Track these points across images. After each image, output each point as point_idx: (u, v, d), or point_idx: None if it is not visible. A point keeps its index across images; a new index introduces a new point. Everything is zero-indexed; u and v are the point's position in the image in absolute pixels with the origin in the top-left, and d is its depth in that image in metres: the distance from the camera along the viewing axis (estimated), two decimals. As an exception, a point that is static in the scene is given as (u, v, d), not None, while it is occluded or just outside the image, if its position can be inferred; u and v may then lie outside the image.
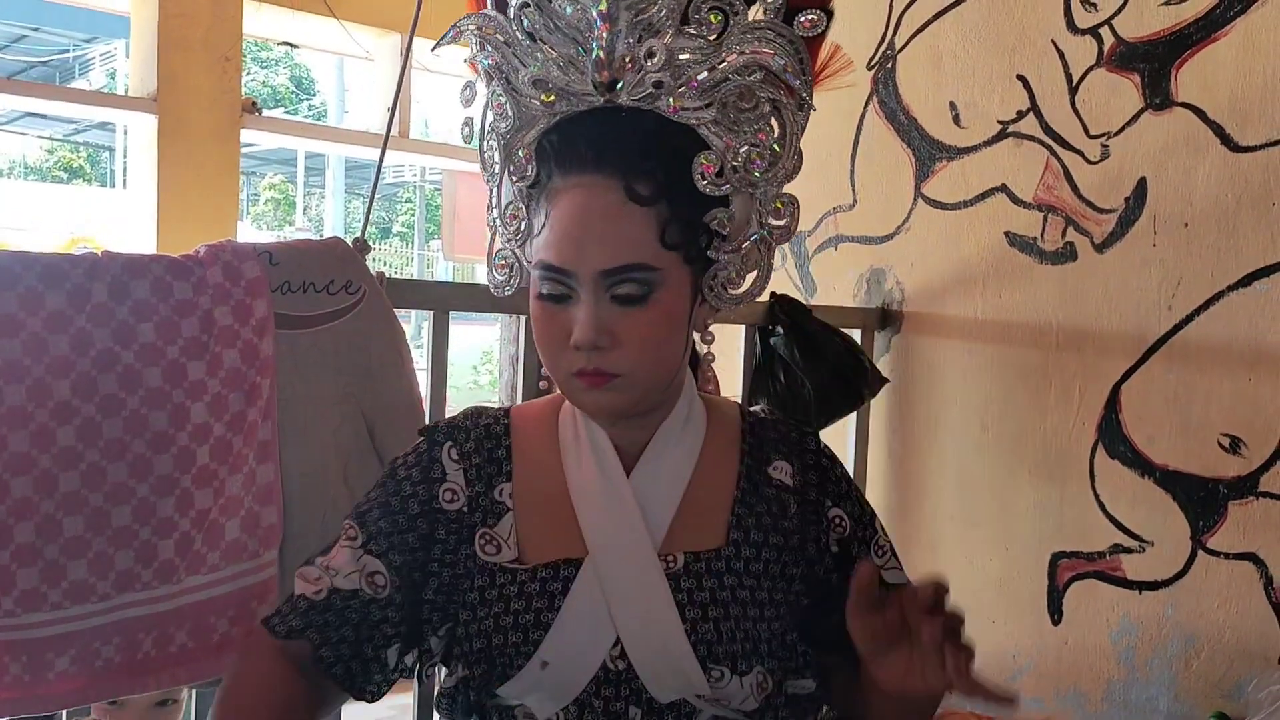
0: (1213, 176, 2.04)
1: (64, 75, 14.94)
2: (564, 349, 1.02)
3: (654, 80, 1.01)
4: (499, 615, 1.05)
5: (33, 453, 1.42)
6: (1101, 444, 2.21)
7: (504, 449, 1.12)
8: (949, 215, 2.50)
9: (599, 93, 1.03)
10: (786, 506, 1.13)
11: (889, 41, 2.61)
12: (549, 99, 1.04)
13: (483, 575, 1.07)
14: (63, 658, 1.44)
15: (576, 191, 1.01)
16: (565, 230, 1.01)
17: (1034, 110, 2.33)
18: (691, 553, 1.07)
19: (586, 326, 1.00)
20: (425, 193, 17.50)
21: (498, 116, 1.07)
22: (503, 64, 1.06)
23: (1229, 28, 2.01)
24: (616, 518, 1.07)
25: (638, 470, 1.09)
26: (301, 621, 1.05)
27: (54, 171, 17.69)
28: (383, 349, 1.70)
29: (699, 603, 1.05)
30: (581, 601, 1.04)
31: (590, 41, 1.02)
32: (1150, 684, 2.12)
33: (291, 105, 18.70)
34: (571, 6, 1.02)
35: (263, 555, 1.59)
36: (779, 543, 1.11)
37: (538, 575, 1.05)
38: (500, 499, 1.10)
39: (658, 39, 1.01)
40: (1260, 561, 1.98)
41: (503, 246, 1.12)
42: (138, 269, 1.51)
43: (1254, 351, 1.99)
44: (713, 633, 1.04)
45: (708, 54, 1.03)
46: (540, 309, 1.04)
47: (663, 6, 1.01)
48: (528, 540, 1.08)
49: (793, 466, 1.15)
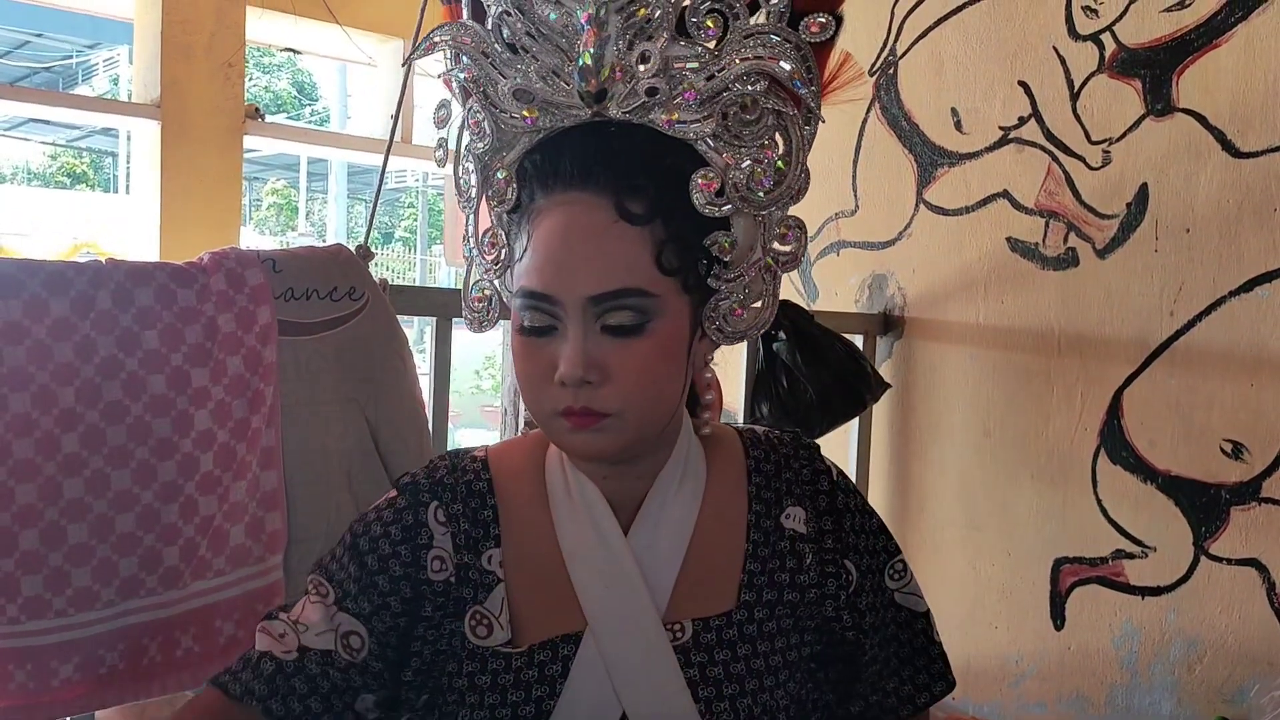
0: (1214, 182, 2.04)
1: (67, 81, 14.97)
2: (547, 385, 0.90)
3: (647, 88, 0.91)
4: (494, 707, 0.93)
5: (37, 459, 1.42)
6: (1104, 449, 2.21)
7: (490, 509, 0.99)
8: (951, 221, 2.51)
9: (586, 104, 0.92)
10: (802, 558, 1.01)
11: (890, 47, 2.62)
12: (531, 113, 0.94)
13: (473, 661, 0.95)
14: (67, 665, 1.44)
15: (560, 210, 0.90)
16: (549, 252, 0.90)
17: (1035, 116, 2.33)
18: (700, 620, 0.96)
19: (573, 360, 0.88)
20: (428, 198, 17.51)
21: (475, 136, 0.97)
22: (480, 77, 0.95)
23: (1230, 34, 2.01)
24: (616, 585, 0.96)
25: (636, 528, 0.98)
26: (264, 688, 0.92)
27: (57, 177, 17.71)
28: (386, 355, 1.71)
29: (712, 679, 0.95)
30: (583, 682, 0.94)
31: (576, 49, 0.91)
32: (1153, 689, 2.12)
33: (294, 111, 18.74)
34: (556, 12, 0.92)
35: (268, 560, 1.59)
36: (794, 599, 1.00)
37: (535, 659, 0.94)
38: (489, 568, 0.97)
39: (651, 44, 0.91)
40: (1262, 567, 1.98)
41: (480, 278, 1.01)
42: (141, 276, 1.52)
43: (1256, 357, 1.99)
44: (729, 711, 0.94)
45: (706, 61, 0.92)
46: (521, 343, 0.92)
47: (655, 9, 0.90)
48: (521, 615, 0.96)
49: (806, 512, 1.03)
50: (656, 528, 0.98)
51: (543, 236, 0.90)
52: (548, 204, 0.91)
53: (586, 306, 0.88)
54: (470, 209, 1.00)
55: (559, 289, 0.89)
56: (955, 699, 2.44)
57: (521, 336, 0.92)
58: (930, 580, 2.48)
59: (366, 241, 1.77)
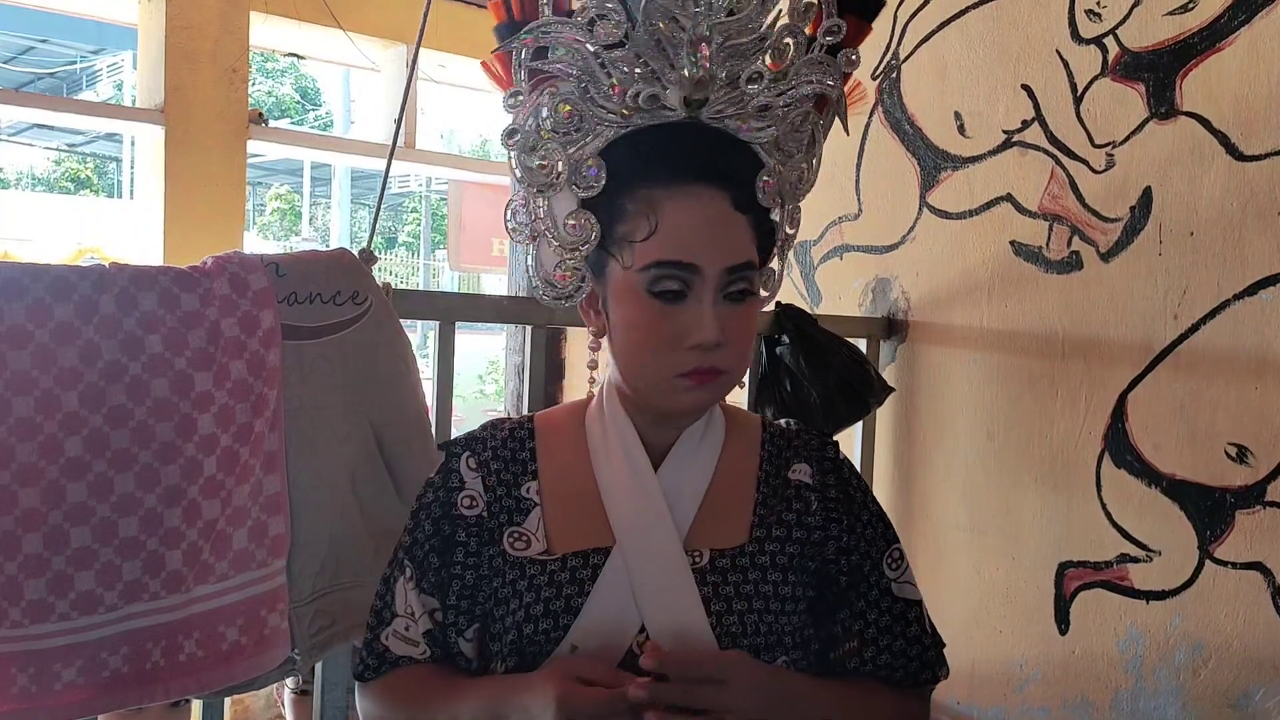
0: (1218, 185, 2.04)
1: (71, 87, 15.01)
2: (675, 349, 1.06)
3: (759, 105, 1.09)
4: (530, 605, 1.08)
5: (41, 463, 1.42)
6: (1108, 453, 2.21)
7: (528, 451, 1.18)
8: (954, 224, 2.51)
9: (686, 108, 1.07)
10: (808, 504, 1.18)
11: (893, 51, 2.62)
12: (628, 111, 1.07)
13: (513, 570, 1.11)
14: (70, 669, 1.45)
15: (689, 198, 1.05)
16: (689, 230, 1.05)
17: (1039, 120, 2.33)
18: (716, 550, 1.11)
19: (712, 325, 1.04)
20: (431, 203, 17.54)
21: (561, 124, 1.07)
22: (582, 73, 1.07)
23: (1233, 37, 2.01)
24: (644, 510, 1.11)
25: (665, 466, 1.14)
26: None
27: (61, 182, 17.76)
28: (389, 359, 1.71)
29: (724, 596, 1.09)
30: (609, 588, 1.08)
31: (682, 59, 1.05)
32: (1158, 694, 2.12)
33: (297, 116, 18.77)
34: (664, 22, 1.04)
35: (271, 564, 1.59)
36: (801, 538, 1.15)
37: (568, 564, 1.10)
38: (527, 496, 1.15)
39: (746, 63, 1.08)
40: (1268, 571, 1.97)
41: (564, 257, 1.11)
42: (145, 281, 1.52)
43: (1260, 360, 1.99)
44: (737, 625, 1.08)
45: (776, 79, 1.10)
46: (653, 309, 1.06)
47: (749, 33, 1.07)
48: (555, 532, 1.12)
49: (812, 468, 1.20)
50: (682, 468, 1.14)
51: (677, 218, 1.05)
52: (669, 192, 1.05)
53: (721, 276, 1.05)
54: (549, 193, 1.11)
55: (702, 259, 1.05)
56: (959, 703, 2.43)
57: (653, 301, 1.06)
58: (934, 584, 2.47)
59: (370, 246, 1.77)
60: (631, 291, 1.07)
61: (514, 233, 1.15)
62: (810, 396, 2.30)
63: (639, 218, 1.06)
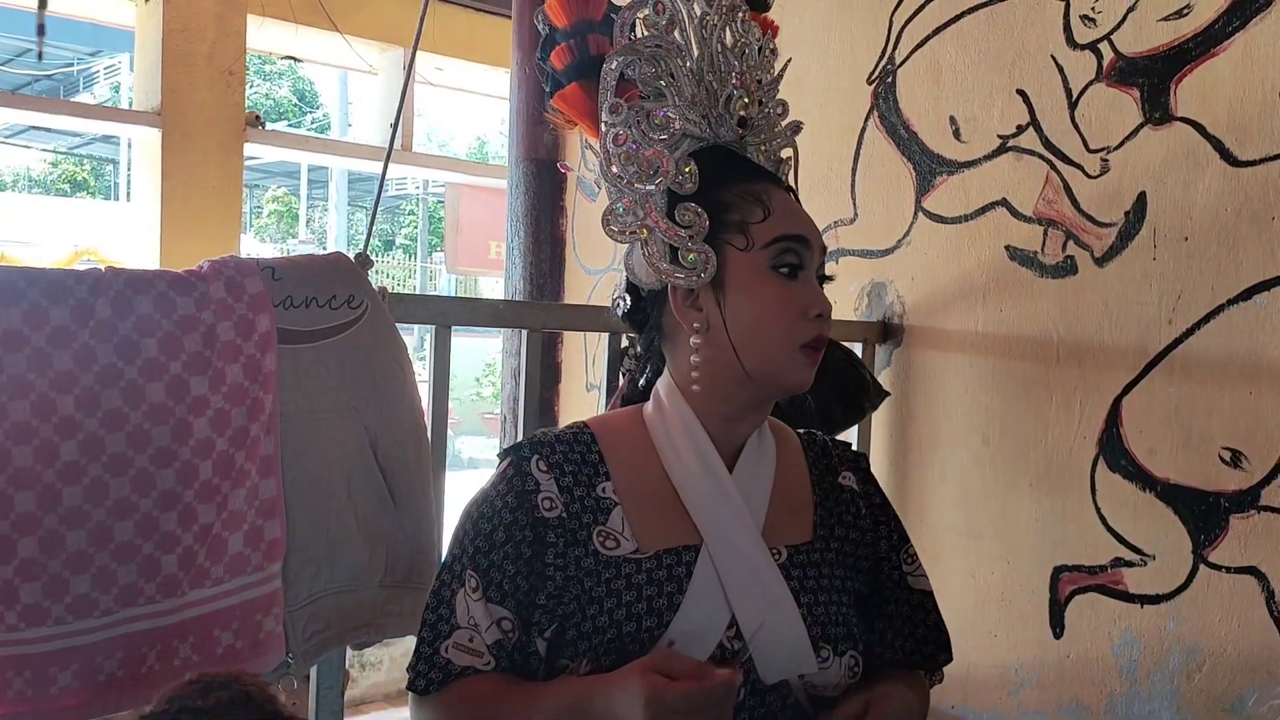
0: (1212, 191, 2.05)
1: (68, 89, 14.99)
2: (799, 321, 1.16)
3: (791, 126, 1.30)
4: (630, 603, 1.11)
5: (36, 467, 1.42)
6: (1103, 457, 2.21)
7: (595, 453, 1.21)
8: (949, 229, 2.51)
9: (739, 127, 1.24)
10: (858, 509, 1.29)
11: (889, 56, 2.62)
12: (705, 125, 1.22)
13: (608, 570, 1.13)
14: (66, 672, 1.45)
15: (777, 189, 1.21)
16: (794, 211, 1.20)
17: (1034, 125, 2.34)
18: (791, 545, 1.19)
19: (823, 296, 1.19)
20: (428, 205, 17.53)
21: (658, 128, 1.19)
22: (673, 87, 1.20)
23: (1228, 43, 2.02)
24: (725, 509, 1.16)
25: (739, 467, 1.20)
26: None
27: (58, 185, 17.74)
28: (385, 363, 1.71)
29: (809, 589, 1.16)
30: (702, 585, 1.12)
31: (730, 93, 1.22)
32: (1152, 698, 2.12)
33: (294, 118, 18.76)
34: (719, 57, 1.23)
35: (267, 569, 1.59)
36: (856, 538, 1.26)
37: (663, 562, 1.13)
38: (605, 495, 1.17)
39: (772, 95, 1.28)
40: (1262, 575, 1.98)
41: (685, 244, 1.17)
42: (141, 284, 1.52)
43: (1254, 365, 1.99)
44: (823, 614, 1.15)
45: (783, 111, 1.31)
46: (780, 284, 1.16)
47: (771, 74, 1.28)
48: (641, 531, 1.16)
49: (855, 476, 1.33)
50: (753, 469, 1.21)
51: (781, 203, 1.19)
52: (764, 186, 1.20)
53: (820, 253, 1.20)
54: (658, 190, 1.19)
55: (812, 234, 1.19)
56: (954, 707, 2.43)
57: (779, 280, 1.16)
58: (929, 588, 2.47)
59: (366, 249, 1.77)
60: (755, 271, 1.16)
61: (618, 234, 1.21)
62: (805, 401, 2.30)
63: (750, 203, 1.18)
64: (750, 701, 1.11)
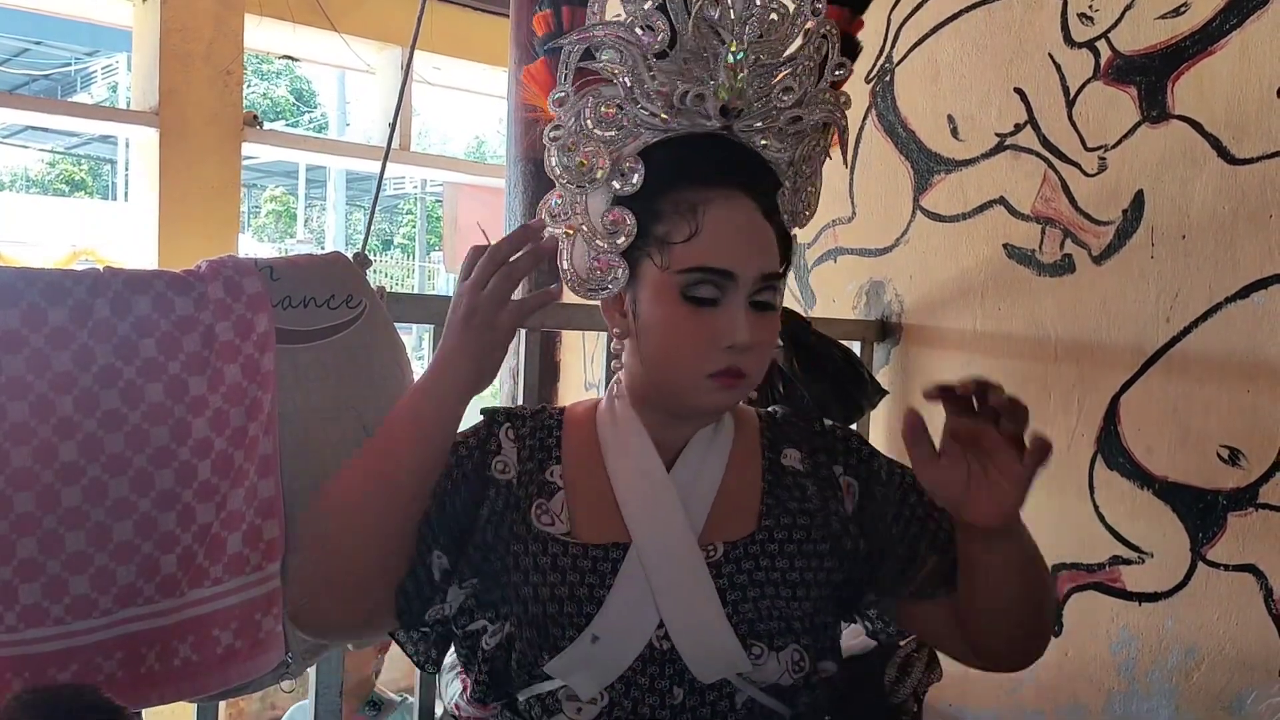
0: (1210, 189, 2.05)
1: (66, 89, 14.98)
2: (710, 350, 1.09)
3: (789, 117, 1.15)
4: (554, 584, 1.10)
5: (35, 468, 1.42)
6: (1100, 455, 2.21)
7: (555, 438, 1.20)
8: (947, 228, 2.51)
9: (721, 118, 1.13)
10: (805, 489, 1.21)
11: (887, 54, 2.62)
12: (669, 115, 1.12)
13: (536, 542, 1.12)
14: (65, 673, 1.44)
15: (726, 203, 1.09)
16: (728, 236, 1.09)
17: (1031, 123, 2.34)
18: (729, 542, 1.14)
19: (745, 327, 1.08)
20: (426, 204, 17.53)
21: (603, 123, 1.11)
22: (632, 77, 1.11)
23: (1225, 40, 2.02)
24: (657, 510, 1.14)
25: (678, 466, 1.16)
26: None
27: (56, 185, 17.72)
28: (384, 363, 1.71)
29: (739, 585, 1.12)
30: (628, 584, 1.10)
31: (719, 74, 1.11)
32: (1151, 696, 2.12)
33: (292, 118, 18.75)
34: (706, 38, 1.11)
35: (265, 568, 1.59)
36: (805, 523, 1.18)
37: (589, 553, 1.12)
38: (551, 479, 1.16)
39: (775, 82, 1.14)
40: (1260, 573, 1.98)
41: (600, 250, 1.13)
42: (139, 285, 1.52)
43: (1252, 363, 1.99)
44: (752, 611, 1.11)
45: (796, 105, 1.16)
46: (689, 312, 1.09)
47: (779, 57, 1.14)
48: (578, 521, 1.14)
49: (801, 451, 1.24)
50: (695, 468, 1.17)
51: (716, 223, 1.09)
52: (707, 196, 1.09)
53: (754, 283, 1.09)
54: (587, 190, 1.13)
55: (740, 267, 1.09)
56: (952, 705, 2.44)
57: (689, 307, 1.09)
58: (928, 587, 2.48)
59: (364, 249, 1.77)
60: (667, 292, 1.10)
61: (550, 227, 1.16)
62: (804, 399, 2.31)
63: (679, 220, 1.09)
64: (691, 701, 1.10)
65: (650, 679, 1.10)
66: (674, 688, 1.10)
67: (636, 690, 1.10)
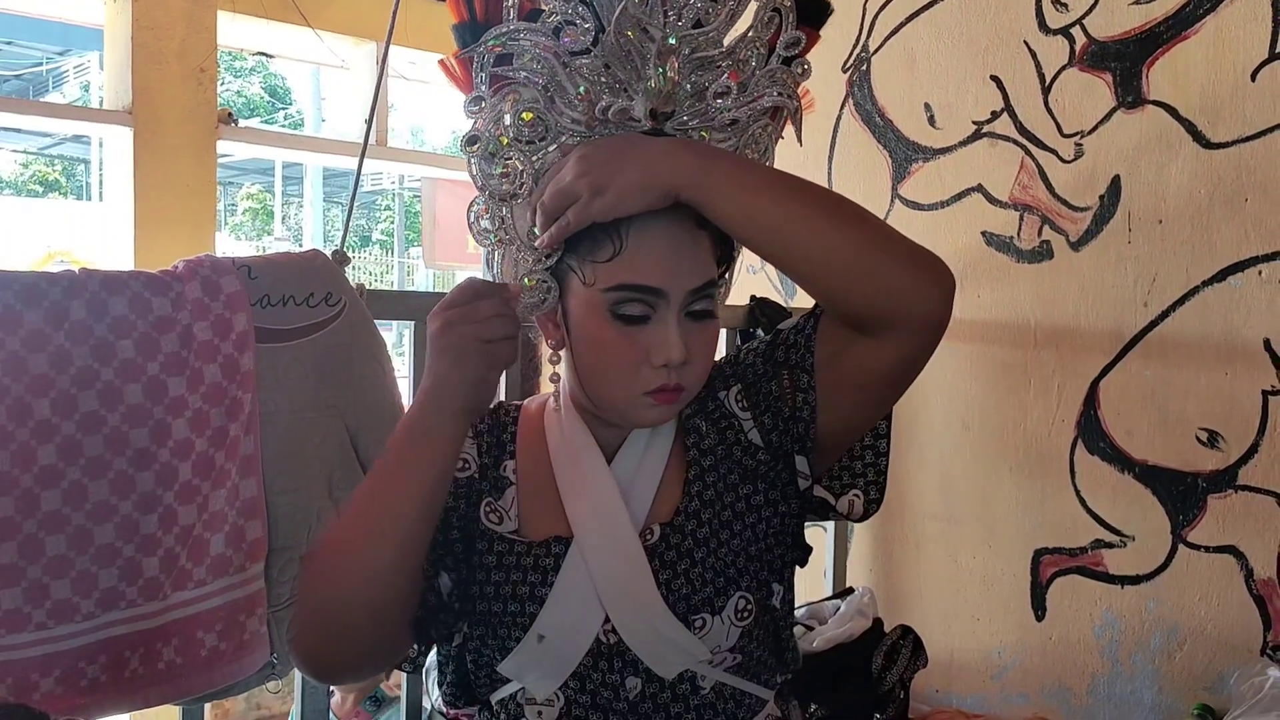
0: (1185, 173, 2.06)
1: (37, 89, 14.84)
2: (640, 368, 1.04)
3: (726, 120, 1.07)
4: (499, 584, 1.09)
5: (13, 472, 1.41)
6: (1081, 440, 2.23)
7: (509, 434, 1.18)
8: (926, 216, 2.52)
9: (651, 119, 1.05)
10: (713, 441, 1.15)
11: (863, 44, 2.63)
12: (590, 119, 1.04)
13: (484, 540, 1.11)
14: (48, 678, 1.44)
15: (654, 219, 1.01)
16: (655, 254, 1.02)
17: (1008, 110, 2.35)
18: (664, 521, 1.11)
19: (678, 344, 1.03)
20: (404, 200, 17.45)
21: (524, 131, 1.05)
22: (549, 80, 1.04)
23: (1199, 25, 2.03)
24: (598, 505, 1.11)
25: (618, 459, 1.13)
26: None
27: (29, 185, 17.56)
28: (364, 360, 1.70)
29: (670, 562, 1.08)
30: (570, 579, 1.08)
31: (649, 69, 1.03)
32: (1134, 677, 2.14)
33: (267, 115, 18.63)
34: (634, 32, 1.02)
35: (249, 569, 1.58)
36: (721, 473, 1.14)
37: (532, 550, 1.09)
38: (505, 474, 1.15)
39: (711, 75, 1.06)
40: (1240, 554, 2.00)
41: (532, 268, 1.07)
42: (116, 285, 1.51)
43: (1229, 346, 2.01)
44: (684, 584, 1.08)
45: (738, 92, 1.08)
46: (617, 331, 1.04)
47: (716, 44, 1.05)
48: (526, 516, 1.13)
49: (699, 404, 1.17)
50: (636, 457, 1.13)
51: (644, 239, 1.02)
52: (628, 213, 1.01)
53: (685, 297, 1.04)
54: (511, 202, 1.08)
55: (668, 284, 1.03)
56: (938, 691, 2.45)
57: (618, 326, 1.04)
58: (911, 574, 2.49)
59: (343, 246, 1.76)
60: (594, 310, 1.04)
61: (480, 238, 1.12)
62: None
63: (602, 237, 1.02)
64: (650, 689, 1.08)
65: (602, 674, 1.08)
66: (628, 679, 1.08)
67: (591, 685, 1.08)
